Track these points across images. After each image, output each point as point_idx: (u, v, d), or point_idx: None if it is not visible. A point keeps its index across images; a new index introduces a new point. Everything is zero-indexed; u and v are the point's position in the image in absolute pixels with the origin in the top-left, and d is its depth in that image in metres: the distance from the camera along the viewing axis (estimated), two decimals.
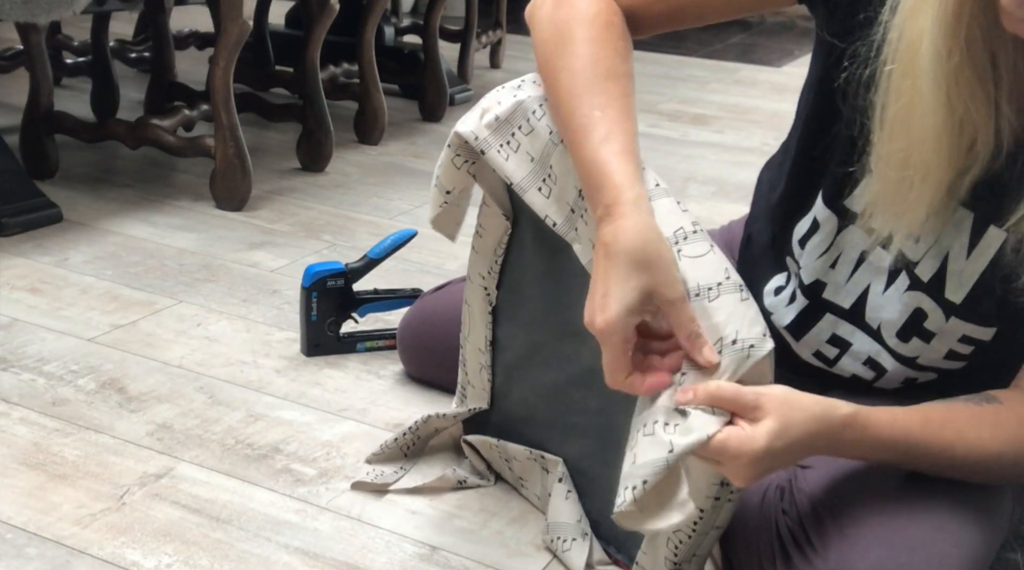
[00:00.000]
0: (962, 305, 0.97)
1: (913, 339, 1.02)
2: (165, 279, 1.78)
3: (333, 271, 1.51)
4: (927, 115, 0.88)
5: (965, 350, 1.01)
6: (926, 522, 0.90)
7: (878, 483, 0.94)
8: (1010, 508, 1.01)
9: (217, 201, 2.15)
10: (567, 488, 1.12)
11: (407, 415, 1.38)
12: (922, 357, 1.03)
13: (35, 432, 1.29)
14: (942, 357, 1.02)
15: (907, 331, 1.02)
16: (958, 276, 0.97)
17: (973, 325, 0.98)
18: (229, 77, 2.10)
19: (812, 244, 1.06)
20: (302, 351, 1.54)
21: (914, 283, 0.99)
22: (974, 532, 0.92)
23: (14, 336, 1.54)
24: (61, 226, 1.99)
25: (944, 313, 0.99)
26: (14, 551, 1.07)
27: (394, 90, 3.16)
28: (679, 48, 4.37)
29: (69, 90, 2.98)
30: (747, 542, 0.98)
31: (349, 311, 1.54)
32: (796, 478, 0.98)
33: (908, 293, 1.00)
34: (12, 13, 1.88)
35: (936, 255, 0.97)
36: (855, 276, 1.04)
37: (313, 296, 1.50)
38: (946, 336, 1.00)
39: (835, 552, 0.89)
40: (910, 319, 1.01)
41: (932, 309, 0.99)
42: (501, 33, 3.72)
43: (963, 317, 0.98)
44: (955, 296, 0.98)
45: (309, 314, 1.51)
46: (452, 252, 1.97)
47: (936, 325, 1.00)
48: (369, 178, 2.42)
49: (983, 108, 0.88)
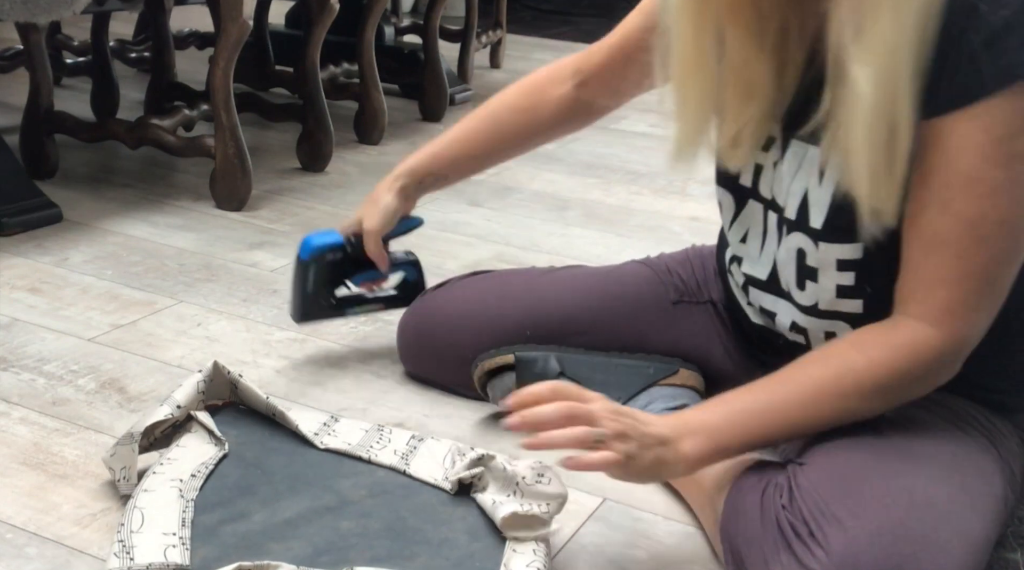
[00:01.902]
0: (823, 228, 1.04)
1: (806, 283, 1.08)
2: (165, 279, 1.78)
3: (333, 245, 1.46)
4: (679, 45, 1.04)
5: (848, 279, 1.05)
6: (928, 513, 0.91)
7: (877, 475, 0.95)
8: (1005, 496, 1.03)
9: (217, 201, 2.15)
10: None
11: (407, 415, 1.38)
12: (820, 301, 1.08)
13: (35, 432, 1.29)
14: (835, 296, 1.07)
15: (800, 276, 1.09)
16: (817, 205, 1.04)
17: (839, 245, 1.04)
18: (229, 77, 2.10)
19: (725, 221, 1.18)
20: (292, 317, 1.49)
21: (789, 225, 1.08)
22: (975, 524, 0.93)
23: (14, 336, 1.54)
24: (61, 226, 1.99)
25: (813, 241, 1.05)
26: (14, 551, 1.07)
27: (394, 90, 3.16)
28: None
29: (69, 90, 2.98)
30: (749, 539, 0.98)
31: (343, 280, 1.50)
32: (795, 475, 0.99)
33: (787, 237, 1.08)
34: (12, 13, 1.88)
35: (798, 193, 1.06)
36: (765, 248, 1.13)
37: (311, 269, 1.46)
38: (825, 267, 1.06)
39: (839, 545, 0.89)
40: (797, 263, 1.08)
41: (805, 243, 1.06)
42: (501, 33, 3.72)
43: (827, 239, 1.04)
44: (816, 222, 1.05)
45: (304, 285, 1.47)
46: (452, 252, 1.98)
47: (813, 258, 1.06)
48: (369, 178, 2.42)
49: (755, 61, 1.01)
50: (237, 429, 1.19)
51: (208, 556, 0.98)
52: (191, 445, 1.14)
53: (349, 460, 1.16)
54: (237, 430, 1.19)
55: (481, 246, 2.03)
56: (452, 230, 2.10)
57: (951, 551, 0.89)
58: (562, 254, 1.99)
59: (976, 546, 0.92)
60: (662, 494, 1.23)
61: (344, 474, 1.13)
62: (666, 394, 1.28)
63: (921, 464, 0.97)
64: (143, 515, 1.02)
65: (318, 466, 1.14)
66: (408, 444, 1.19)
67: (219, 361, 1.20)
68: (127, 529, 1.00)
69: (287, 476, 1.12)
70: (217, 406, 1.22)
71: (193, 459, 1.12)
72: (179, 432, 1.17)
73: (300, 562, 0.97)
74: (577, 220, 2.21)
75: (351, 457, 1.16)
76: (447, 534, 1.04)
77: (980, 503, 0.96)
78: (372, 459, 1.15)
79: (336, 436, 1.19)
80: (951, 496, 0.94)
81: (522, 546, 1.01)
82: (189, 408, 1.17)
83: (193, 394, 1.18)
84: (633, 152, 2.76)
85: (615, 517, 1.19)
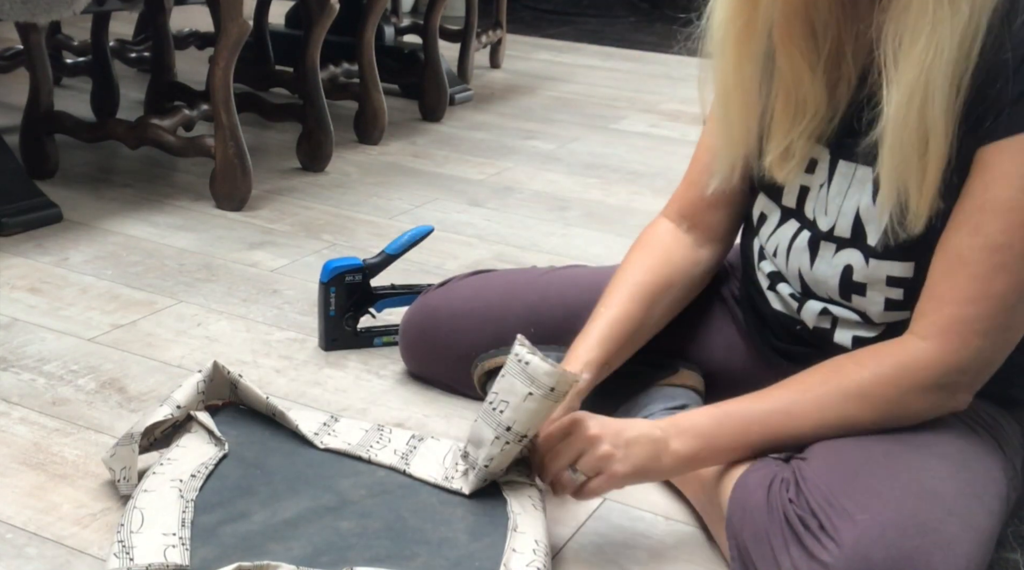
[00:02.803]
0: (878, 245, 1.05)
1: (852, 296, 1.09)
2: (165, 279, 1.78)
3: (351, 267, 1.52)
4: (715, 82, 1.08)
5: (897, 294, 1.06)
6: (936, 506, 0.92)
7: (884, 468, 0.96)
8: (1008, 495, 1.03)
9: (217, 201, 2.15)
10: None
11: (407, 415, 1.38)
12: (869, 312, 1.09)
13: (35, 432, 1.29)
14: (883, 309, 1.08)
15: (844, 291, 1.09)
16: (873, 222, 1.05)
17: (892, 262, 1.05)
18: (229, 77, 2.10)
19: (762, 232, 1.19)
20: (320, 346, 1.55)
21: (840, 244, 1.09)
22: (981, 518, 0.94)
23: (14, 336, 1.54)
24: (61, 226, 1.99)
25: (865, 258, 1.06)
26: (14, 551, 1.07)
27: (394, 90, 3.16)
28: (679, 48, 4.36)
29: (69, 90, 2.98)
30: (756, 534, 0.99)
31: (366, 306, 1.54)
32: (799, 469, 0.99)
33: (837, 254, 1.09)
34: (12, 13, 1.88)
35: (849, 212, 1.07)
36: (790, 264, 1.15)
37: (331, 291, 1.51)
38: (874, 283, 1.07)
39: (848, 537, 0.90)
40: (841, 279, 1.09)
41: (856, 259, 1.07)
42: (501, 33, 3.72)
43: (881, 256, 1.05)
44: (872, 239, 1.06)
45: (327, 309, 1.52)
46: (452, 252, 1.98)
47: (862, 275, 1.07)
48: (369, 178, 2.42)
49: (807, 78, 1.04)
50: (237, 429, 1.19)
51: (207, 556, 0.98)
52: (191, 445, 1.14)
53: (349, 460, 1.16)
54: (237, 430, 1.18)
55: (481, 246, 2.03)
56: (452, 230, 2.10)
57: (960, 544, 0.90)
58: (562, 254, 1.99)
59: (983, 540, 0.93)
60: (662, 494, 1.23)
61: (344, 474, 1.13)
62: (666, 394, 1.28)
63: (927, 458, 0.98)
64: (143, 515, 1.02)
65: (318, 466, 1.14)
66: (408, 444, 1.19)
67: (219, 361, 1.20)
68: (127, 529, 1.00)
69: (287, 476, 1.12)
70: (217, 406, 1.22)
71: (193, 459, 1.12)
72: (179, 432, 1.17)
73: (300, 562, 0.97)
74: (577, 220, 2.21)
75: (351, 457, 1.16)
76: (447, 534, 1.04)
77: (986, 499, 0.97)
78: (372, 459, 1.15)
79: (336, 436, 1.19)
80: (958, 490, 0.94)
81: (521, 544, 1.01)
82: (189, 408, 1.17)
83: (193, 394, 1.18)
84: (633, 152, 2.76)
85: (615, 517, 1.19)
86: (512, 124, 3.00)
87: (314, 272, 1.65)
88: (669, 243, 1.26)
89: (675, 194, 1.30)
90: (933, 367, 1.00)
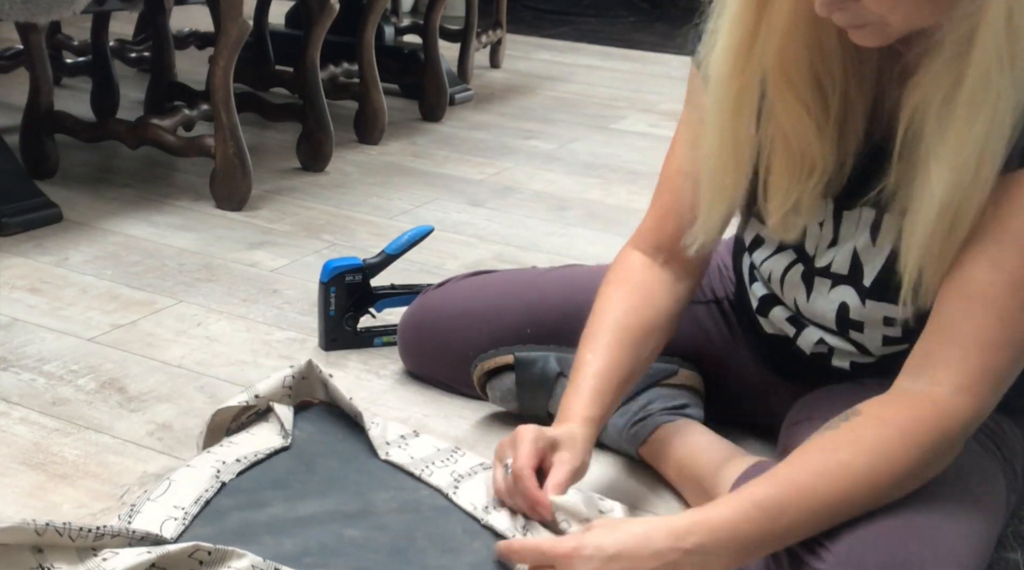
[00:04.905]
0: (871, 286, 1.04)
1: (850, 332, 1.08)
2: (165, 279, 1.78)
3: (351, 266, 1.52)
4: (709, 136, 1.04)
5: (895, 332, 1.05)
6: (932, 514, 0.91)
7: None
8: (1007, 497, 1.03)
9: (217, 201, 2.15)
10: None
11: (407, 415, 1.38)
12: (868, 345, 1.09)
13: (35, 432, 1.29)
14: (881, 344, 1.07)
15: (842, 326, 1.08)
16: (871, 264, 1.04)
17: (886, 304, 1.03)
18: (229, 77, 2.10)
19: (758, 255, 1.15)
20: (320, 346, 1.55)
21: (835, 280, 1.07)
22: (978, 523, 0.93)
23: (14, 336, 1.54)
24: (61, 226, 1.99)
25: (860, 298, 1.05)
26: None
27: (394, 90, 3.16)
28: (679, 48, 4.37)
29: (69, 90, 2.98)
30: None
31: (367, 306, 1.54)
32: None
33: (833, 290, 1.08)
34: (12, 13, 1.88)
35: (847, 250, 1.05)
36: (785, 292, 1.13)
37: (331, 291, 1.51)
38: (871, 323, 1.06)
39: (844, 545, 0.89)
40: (839, 314, 1.08)
41: (851, 297, 1.06)
42: (501, 33, 3.72)
43: (875, 297, 1.04)
44: (868, 280, 1.05)
45: (327, 309, 1.52)
46: (452, 252, 1.98)
47: (858, 313, 1.06)
48: (369, 178, 2.42)
49: (814, 137, 0.98)
50: (315, 426, 1.17)
51: (201, 535, 0.97)
52: (259, 434, 1.14)
53: (402, 474, 1.12)
54: (313, 427, 1.17)
55: (481, 246, 2.03)
56: (452, 230, 2.10)
57: (955, 550, 0.89)
58: (562, 254, 1.99)
59: (979, 546, 0.92)
60: (662, 494, 1.23)
61: (386, 486, 1.09)
62: (666, 394, 1.28)
63: None
64: (170, 485, 1.02)
65: (367, 474, 1.11)
66: (471, 469, 1.14)
67: (313, 361, 1.19)
68: (146, 495, 1.01)
69: (328, 478, 1.10)
70: (309, 403, 1.21)
71: (250, 446, 1.11)
72: (257, 421, 1.17)
73: (280, 559, 0.94)
74: (577, 220, 2.21)
75: (405, 472, 1.12)
76: (447, 563, 0.99)
77: (983, 503, 0.96)
78: (423, 478, 1.11)
79: (405, 450, 1.15)
80: (955, 495, 0.94)
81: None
82: (270, 399, 1.17)
83: (277, 387, 1.17)
84: (633, 152, 2.76)
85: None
86: (512, 124, 3.00)
87: (314, 272, 1.65)
88: (649, 282, 1.18)
89: (646, 225, 1.22)
90: (969, 422, 0.93)
